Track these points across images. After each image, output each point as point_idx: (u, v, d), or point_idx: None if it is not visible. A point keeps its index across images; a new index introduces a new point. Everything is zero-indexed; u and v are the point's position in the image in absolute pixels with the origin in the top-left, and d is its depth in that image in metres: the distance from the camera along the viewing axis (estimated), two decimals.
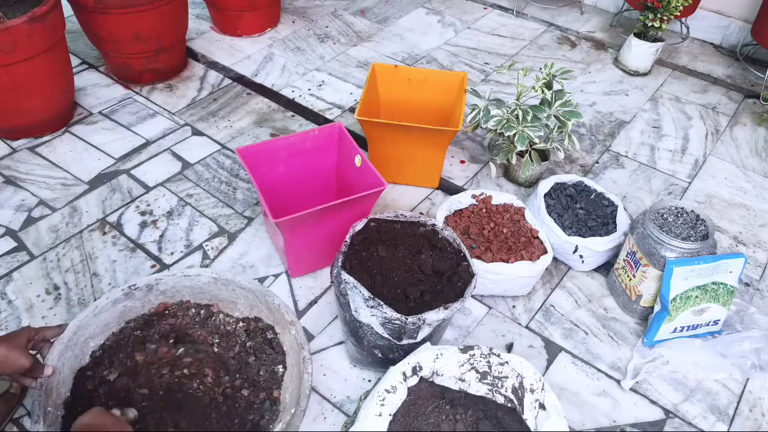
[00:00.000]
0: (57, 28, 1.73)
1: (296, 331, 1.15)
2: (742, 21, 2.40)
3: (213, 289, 1.25)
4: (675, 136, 2.01)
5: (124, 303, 1.20)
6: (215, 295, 1.26)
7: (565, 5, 2.69)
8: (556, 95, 1.62)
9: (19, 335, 1.03)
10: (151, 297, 1.23)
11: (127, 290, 1.19)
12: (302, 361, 1.11)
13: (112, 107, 2.00)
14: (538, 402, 1.05)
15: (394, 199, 1.72)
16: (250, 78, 2.17)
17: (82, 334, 1.13)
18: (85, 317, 1.14)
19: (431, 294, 1.21)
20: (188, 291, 1.25)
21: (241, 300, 1.25)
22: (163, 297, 1.24)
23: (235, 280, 1.23)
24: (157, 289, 1.22)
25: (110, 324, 1.18)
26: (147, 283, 1.21)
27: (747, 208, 1.76)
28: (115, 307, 1.18)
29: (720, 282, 1.32)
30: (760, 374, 1.34)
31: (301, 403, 1.06)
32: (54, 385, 1.06)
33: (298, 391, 1.08)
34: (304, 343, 1.13)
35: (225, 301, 1.26)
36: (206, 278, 1.24)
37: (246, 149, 1.42)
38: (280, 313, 1.19)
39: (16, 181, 1.72)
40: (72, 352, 1.11)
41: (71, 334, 1.11)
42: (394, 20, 2.55)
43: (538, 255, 1.43)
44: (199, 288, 1.25)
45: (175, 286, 1.24)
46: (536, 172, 1.74)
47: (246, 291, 1.23)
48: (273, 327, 1.22)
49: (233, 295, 1.25)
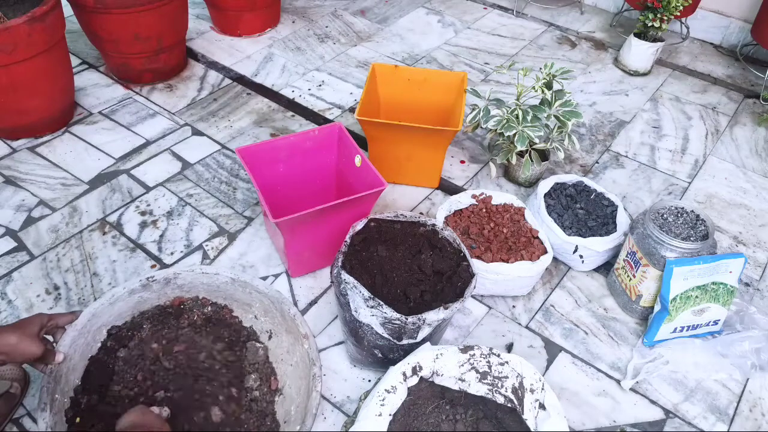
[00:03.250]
0: (57, 28, 1.73)
1: (309, 345, 1.14)
2: (742, 21, 2.40)
3: (230, 290, 1.26)
4: (675, 136, 2.01)
5: (140, 294, 1.21)
6: (231, 295, 1.26)
7: (565, 5, 2.69)
8: (556, 95, 1.62)
9: (31, 322, 1.02)
10: (167, 290, 1.24)
11: (145, 281, 1.21)
12: (312, 378, 1.09)
13: (112, 107, 2.00)
14: (538, 402, 1.05)
15: (394, 199, 1.72)
16: (250, 78, 2.17)
17: (96, 322, 1.14)
18: (100, 305, 1.15)
19: (431, 294, 1.21)
20: (205, 288, 1.26)
21: (256, 303, 1.26)
22: (179, 291, 1.25)
23: (252, 283, 1.24)
24: (174, 283, 1.24)
25: (124, 313, 1.19)
26: (165, 276, 1.23)
27: (747, 208, 1.76)
28: (131, 297, 1.20)
29: (720, 282, 1.32)
30: (760, 374, 1.34)
31: (306, 422, 1.03)
32: (64, 372, 1.06)
33: (305, 408, 1.06)
34: (316, 358, 1.12)
35: (240, 302, 1.27)
36: (224, 278, 1.25)
37: (246, 149, 1.42)
38: (294, 324, 1.18)
39: (16, 181, 1.72)
40: (84, 339, 1.11)
41: (85, 321, 1.12)
42: (394, 20, 2.55)
43: (538, 255, 1.43)
44: (216, 287, 1.26)
45: (193, 281, 1.25)
46: (536, 172, 1.74)
47: (262, 295, 1.24)
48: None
49: (249, 297, 1.25)
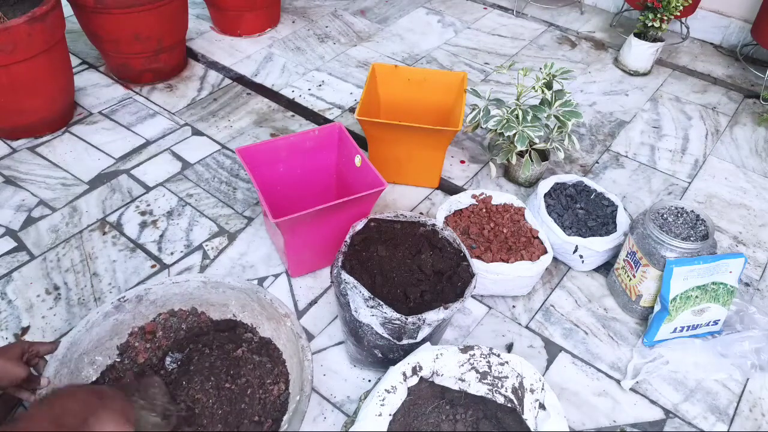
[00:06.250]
0: (57, 28, 1.73)
1: (291, 322, 1.16)
2: (742, 21, 2.40)
3: (203, 294, 1.24)
4: (675, 136, 2.01)
5: (115, 316, 1.18)
6: (206, 300, 1.24)
7: (565, 5, 2.69)
8: (556, 95, 1.62)
9: (12, 347, 1.03)
10: (141, 308, 1.21)
11: (116, 303, 1.17)
12: (301, 350, 1.12)
13: (112, 107, 2.00)
14: (538, 402, 1.05)
15: (394, 199, 1.72)
16: (250, 78, 2.17)
17: (76, 350, 1.12)
18: (77, 333, 1.12)
19: (431, 294, 1.21)
20: (179, 299, 1.23)
21: (232, 301, 1.24)
22: (154, 307, 1.22)
23: (224, 281, 1.22)
24: (146, 299, 1.21)
25: (102, 338, 1.17)
26: (136, 294, 1.19)
27: (747, 208, 1.76)
28: (107, 321, 1.17)
29: (720, 282, 1.32)
30: (760, 374, 1.34)
31: (305, 389, 1.06)
32: None
33: (301, 378, 1.09)
34: (300, 332, 1.14)
35: (216, 304, 1.25)
36: (195, 283, 1.22)
37: (246, 149, 1.42)
38: (273, 308, 1.18)
39: (16, 181, 1.72)
40: (68, 368, 1.09)
41: (65, 350, 1.09)
42: (394, 20, 2.55)
43: (538, 255, 1.43)
44: (189, 294, 1.23)
45: (165, 294, 1.22)
46: (536, 172, 1.74)
47: (236, 291, 1.23)
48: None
49: (224, 297, 1.24)
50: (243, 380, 1.16)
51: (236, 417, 1.11)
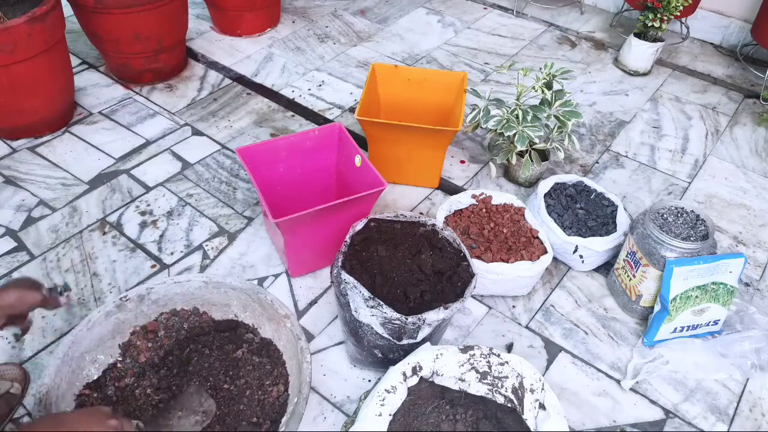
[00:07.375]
0: (57, 28, 1.73)
1: (291, 323, 1.16)
2: (742, 21, 2.40)
3: (204, 294, 1.24)
4: (675, 136, 2.01)
5: (117, 315, 1.18)
6: (208, 300, 1.25)
7: (565, 5, 2.69)
8: (556, 95, 1.62)
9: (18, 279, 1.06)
10: (143, 307, 1.21)
11: (118, 302, 1.17)
12: (300, 351, 1.11)
13: (112, 107, 2.00)
14: (538, 402, 1.05)
15: (394, 199, 1.72)
16: (250, 78, 2.17)
17: (77, 348, 1.12)
18: (78, 332, 1.12)
19: (431, 294, 1.21)
20: (180, 298, 1.23)
21: (234, 301, 1.24)
22: (156, 306, 1.22)
23: (225, 282, 1.22)
24: (148, 298, 1.21)
25: (104, 337, 1.17)
26: (138, 294, 1.19)
27: (747, 208, 1.76)
28: (108, 320, 1.17)
29: (720, 282, 1.32)
30: (760, 374, 1.34)
31: (302, 390, 1.06)
32: (53, 401, 1.04)
33: (299, 380, 1.09)
34: (300, 334, 1.14)
35: (218, 304, 1.25)
36: (197, 283, 1.23)
37: (246, 149, 1.42)
38: (273, 309, 1.18)
39: (16, 181, 1.72)
40: (69, 367, 1.10)
41: (66, 349, 1.09)
42: (394, 20, 2.55)
43: (538, 255, 1.43)
44: (191, 294, 1.23)
45: (167, 294, 1.22)
46: (536, 172, 1.74)
47: (238, 291, 1.23)
48: None
49: (225, 297, 1.24)
50: (242, 381, 1.16)
51: (234, 418, 1.11)
